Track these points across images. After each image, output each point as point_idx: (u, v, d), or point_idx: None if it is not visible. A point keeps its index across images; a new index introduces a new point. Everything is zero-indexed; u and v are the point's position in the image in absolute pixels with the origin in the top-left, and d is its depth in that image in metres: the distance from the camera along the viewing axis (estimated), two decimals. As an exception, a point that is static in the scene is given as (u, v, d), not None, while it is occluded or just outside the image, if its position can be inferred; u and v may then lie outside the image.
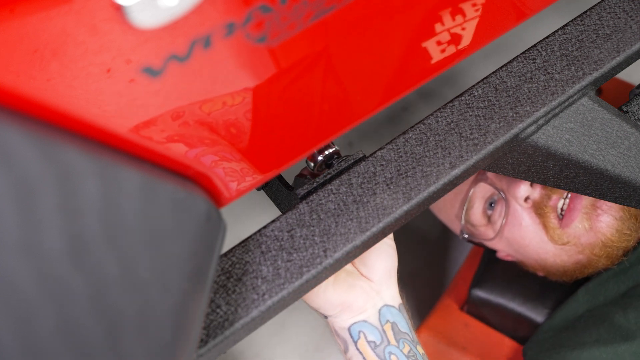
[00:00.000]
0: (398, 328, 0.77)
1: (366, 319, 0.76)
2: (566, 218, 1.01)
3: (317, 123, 0.56)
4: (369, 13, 0.52)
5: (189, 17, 0.41)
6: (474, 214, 1.11)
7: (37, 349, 0.36)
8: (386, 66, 0.57)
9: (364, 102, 0.58)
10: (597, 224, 1.01)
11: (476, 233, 1.13)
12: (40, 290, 0.36)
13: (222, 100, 0.48)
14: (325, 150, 0.69)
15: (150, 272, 0.42)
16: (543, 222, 1.03)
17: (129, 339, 0.41)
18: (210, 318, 0.57)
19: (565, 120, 0.69)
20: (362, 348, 0.76)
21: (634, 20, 0.70)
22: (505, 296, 1.21)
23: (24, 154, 0.36)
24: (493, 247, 1.14)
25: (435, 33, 0.58)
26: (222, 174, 0.52)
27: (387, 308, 0.77)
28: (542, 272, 1.12)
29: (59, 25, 0.38)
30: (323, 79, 0.53)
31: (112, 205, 0.40)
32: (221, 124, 0.49)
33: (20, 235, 0.35)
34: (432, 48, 0.59)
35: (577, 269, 1.07)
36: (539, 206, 1.03)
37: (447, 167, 0.64)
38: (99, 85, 0.41)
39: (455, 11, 0.58)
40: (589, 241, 1.02)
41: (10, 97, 0.38)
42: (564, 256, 1.05)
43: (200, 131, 0.48)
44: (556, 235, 1.02)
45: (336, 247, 0.61)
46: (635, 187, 0.74)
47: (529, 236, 1.06)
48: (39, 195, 0.36)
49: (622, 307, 1.01)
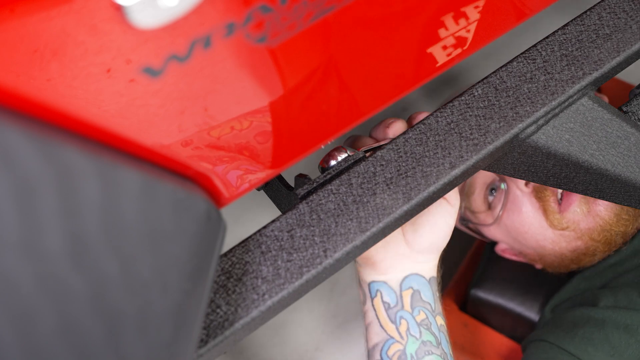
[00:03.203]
0: (419, 296, 0.76)
1: (386, 281, 0.76)
2: (564, 202, 1.02)
3: (317, 123, 0.56)
4: (369, 13, 0.52)
5: (189, 17, 0.41)
6: (475, 200, 1.11)
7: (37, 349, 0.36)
8: (386, 66, 0.57)
9: (363, 102, 0.58)
10: (595, 207, 1.01)
11: (475, 219, 1.13)
12: (40, 290, 0.36)
13: (222, 100, 0.48)
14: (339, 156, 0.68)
15: (150, 272, 0.42)
16: (543, 206, 1.03)
17: (129, 339, 0.41)
18: (210, 318, 0.57)
19: (565, 120, 0.69)
20: (377, 305, 0.76)
21: (634, 20, 0.70)
22: (504, 296, 1.21)
23: (24, 154, 0.36)
24: (491, 236, 1.14)
25: (436, 33, 0.58)
26: (222, 174, 0.52)
27: (415, 276, 0.76)
28: (540, 262, 1.12)
29: (59, 25, 0.38)
30: (323, 79, 0.53)
31: (112, 205, 0.40)
32: (221, 124, 0.49)
33: (20, 235, 0.35)
34: (432, 48, 0.59)
35: (575, 257, 1.08)
36: (539, 190, 1.03)
37: (447, 167, 0.64)
38: (99, 85, 0.41)
39: (455, 11, 0.58)
40: (587, 226, 1.03)
41: (10, 97, 0.38)
42: (562, 242, 1.06)
43: (200, 131, 0.48)
44: (555, 220, 1.03)
45: (336, 247, 0.61)
46: (635, 187, 0.74)
47: (529, 222, 1.06)
48: (39, 195, 0.36)
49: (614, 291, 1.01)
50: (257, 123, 0.52)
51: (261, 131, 0.53)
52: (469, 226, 1.16)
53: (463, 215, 1.14)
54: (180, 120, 0.46)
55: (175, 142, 0.47)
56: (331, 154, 0.67)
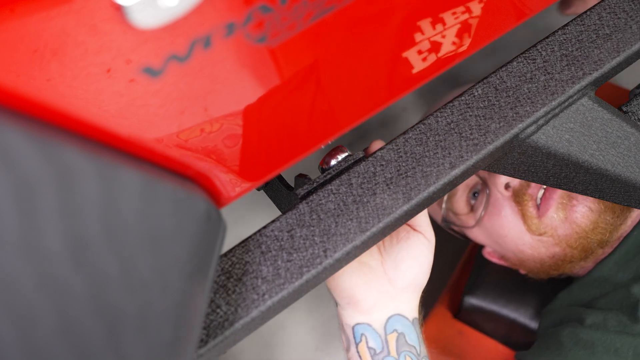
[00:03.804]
0: (405, 340, 0.75)
1: (370, 323, 0.75)
2: (542, 207, 1.02)
3: (317, 123, 0.56)
4: (369, 13, 0.52)
5: (189, 17, 0.41)
6: (457, 201, 1.12)
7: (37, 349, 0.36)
8: (386, 66, 0.57)
9: (364, 101, 0.58)
10: (572, 214, 1.02)
11: (457, 222, 1.13)
12: (40, 290, 0.36)
13: (222, 100, 0.48)
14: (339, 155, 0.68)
15: (150, 272, 0.42)
16: (521, 210, 1.04)
17: (129, 339, 0.41)
18: (210, 318, 0.57)
19: (565, 120, 0.69)
20: (362, 352, 0.75)
21: (634, 20, 0.70)
22: (498, 303, 1.20)
23: (24, 154, 0.36)
24: (473, 238, 1.15)
25: (436, 33, 0.58)
26: (222, 174, 0.52)
27: (399, 317, 0.75)
28: (522, 267, 1.13)
29: (59, 25, 0.38)
30: (323, 79, 0.53)
31: (112, 205, 0.40)
32: (221, 124, 0.49)
33: (20, 235, 0.35)
34: (432, 48, 0.59)
35: (553, 264, 1.08)
36: (518, 194, 1.04)
37: (447, 167, 0.64)
38: (99, 85, 0.41)
39: (456, 11, 0.58)
40: (565, 232, 1.03)
41: (10, 97, 0.38)
42: (541, 248, 1.06)
43: (200, 131, 0.48)
44: (534, 225, 1.03)
45: (336, 247, 0.61)
46: (635, 187, 0.74)
47: (508, 226, 1.06)
48: (39, 195, 0.36)
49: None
50: (257, 123, 0.52)
51: (261, 131, 0.53)
52: (452, 228, 1.16)
53: (445, 216, 1.14)
54: (180, 120, 0.46)
55: (175, 142, 0.47)
56: (331, 154, 0.67)
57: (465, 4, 0.58)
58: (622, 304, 0.99)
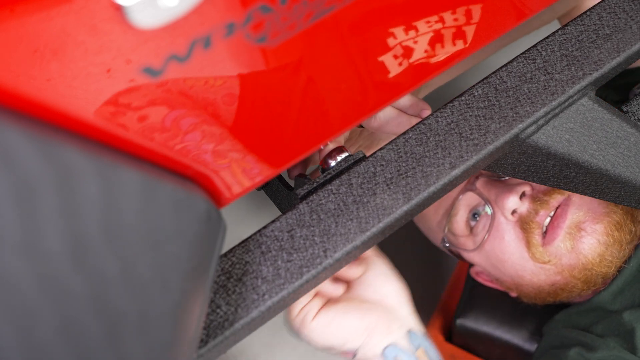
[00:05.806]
0: (430, 356, 0.75)
1: (395, 342, 0.74)
2: (549, 235, 0.99)
3: (317, 123, 0.56)
4: (369, 12, 0.52)
5: (189, 17, 0.41)
6: (457, 222, 1.08)
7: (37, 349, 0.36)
8: (387, 65, 0.57)
9: (364, 101, 0.58)
10: (579, 245, 0.98)
11: (456, 243, 1.11)
12: (40, 290, 0.36)
13: (222, 100, 0.48)
14: (338, 156, 0.68)
15: (150, 272, 0.42)
16: (527, 237, 1.00)
17: (129, 339, 0.41)
18: (210, 318, 0.57)
19: (565, 120, 0.69)
20: None
21: (634, 20, 0.70)
22: (490, 324, 1.18)
23: (24, 154, 0.36)
24: (470, 260, 1.12)
25: (436, 32, 0.58)
26: (222, 174, 0.52)
27: (414, 333, 0.76)
28: (516, 291, 1.10)
29: (59, 25, 0.38)
30: (324, 79, 0.53)
31: (112, 205, 0.40)
32: (221, 124, 0.49)
33: (20, 235, 0.35)
34: (432, 47, 0.59)
35: (552, 291, 1.05)
36: (525, 221, 1.00)
37: (447, 167, 0.64)
38: (99, 85, 0.41)
39: (456, 11, 0.58)
40: (569, 262, 1.00)
41: (10, 97, 0.38)
42: (542, 275, 1.03)
43: (200, 131, 0.48)
44: (538, 253, 1.00)
45: (336, 247, 0.61)
46: (635, 187, 0.74)
47: (510, 251, 1.03)
48: (39, 195, 0.36)
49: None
50: (257, 123, 0.52)
51: (261, 131, 0.53)
52: (450, 249, 1.13)
53: (445, 237, 1.11)
54: (180, 120, 0.46)
55: (175, 142, 0.47)
56: (331, 154, 0.67)
57: (465, 4, 0.58)
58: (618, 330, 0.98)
